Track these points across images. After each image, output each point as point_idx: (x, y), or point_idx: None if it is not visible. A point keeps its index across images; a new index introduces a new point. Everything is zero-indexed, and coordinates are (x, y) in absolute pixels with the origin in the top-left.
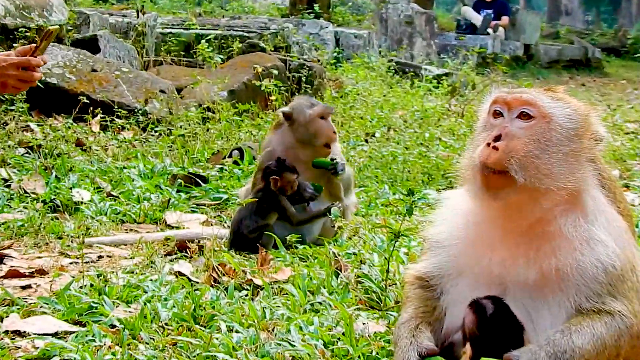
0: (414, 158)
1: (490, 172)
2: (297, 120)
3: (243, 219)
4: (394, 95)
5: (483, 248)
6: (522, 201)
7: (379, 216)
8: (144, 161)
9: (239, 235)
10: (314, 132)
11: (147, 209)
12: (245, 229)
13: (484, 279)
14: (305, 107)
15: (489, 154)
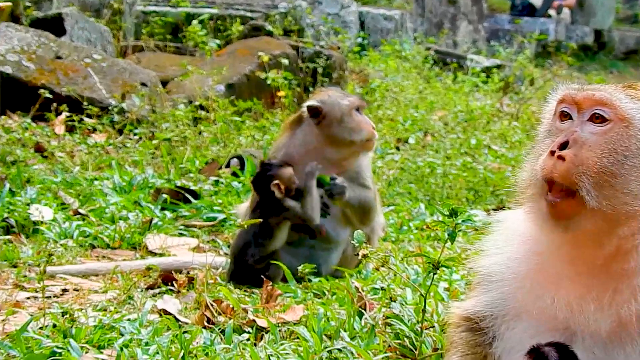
0: (457, 170)
1: (556, 195)
2: (329, 115)
3: (246, 245)
4: (432, 92)
5: (546, 285)
6: (594, 229)
7: (413, 242)
8: (120, 171)
9: (241, 265)
10: (354, 127)
11: (123, 231)
12: (251, 257)
13: (546, 322)
14: (339, 98)
15: (554, 165)
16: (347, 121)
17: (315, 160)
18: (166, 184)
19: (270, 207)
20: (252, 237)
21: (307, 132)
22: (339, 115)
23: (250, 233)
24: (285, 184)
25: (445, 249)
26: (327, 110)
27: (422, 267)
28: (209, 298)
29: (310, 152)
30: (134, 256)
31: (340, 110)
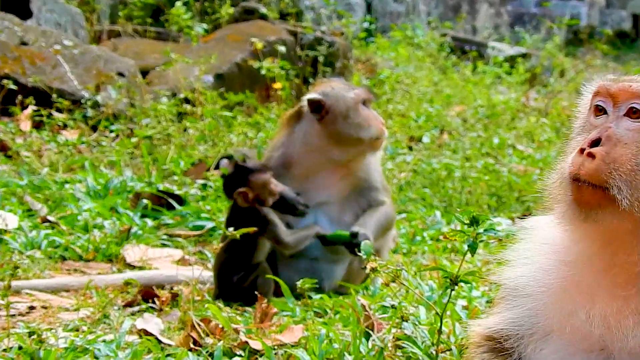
0: (477, 173)
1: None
2: (333, 110)
3: (228, 260)
4: (449, 85)
5: (579, 299)
6: (628, 232)
7: (428, 255)
8: (94, 173)
9: (225, 284)
10: (360, 122)
11: (98, 241)
12: (234, 274)
13: (579, 341)
14: (343, 91)
15: (582, 163)
16: (353, 116)
17: (318, 160)
18: (147, 187)
19: (241, 217)
20: (231, 249)
21: (307, 130)
22: (343, 109)
23: (230, 247)
24: (257, 192)
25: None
26: (330, 104)
27: (437, 283)
28: (196, 317)
29: (312, 153)
30: (110, 269)
31: (345, 104)
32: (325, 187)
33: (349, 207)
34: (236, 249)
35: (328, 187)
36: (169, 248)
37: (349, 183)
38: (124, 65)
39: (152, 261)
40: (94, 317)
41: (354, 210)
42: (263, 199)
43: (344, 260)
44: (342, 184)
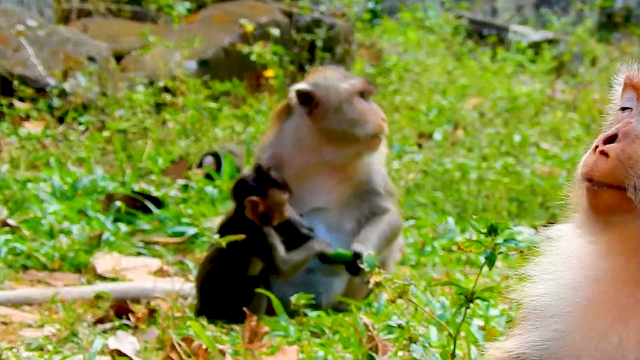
0: (496, 175)
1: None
2: (323, 102)
3: (212, 272)
4: (465, 74)
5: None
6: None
7: (439, 267)
8: (60, 171)
9: (209, 298)
10: (355, 117)
11: (65, 249)
12: (220, 287)
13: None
14: (337, 81)
15: (595, 162)
16: (346, 110)
17: (312, 161)
18: (120, 188)
19: (239, 229)
20: (219, 260)
21: (298, 126)
22: (335, 102)
23: (218, 257)
24: (269, 208)
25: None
26: (320, 96)
27: (450, 300)
28: (176, 336)
29: (304, 152)
30: (78, 281)
31: (338, 96)
32: (322, 192)
33: (349, 214)
34: (225, 260)
35: (324, 192)
36: (145, 257)
37: (347, 187)
38: (95, 49)
39: (126, 272)
40: (60, 335)
41: (355, 217)
42: (271, 218)
43: (343, 273)
44: (340, 188)
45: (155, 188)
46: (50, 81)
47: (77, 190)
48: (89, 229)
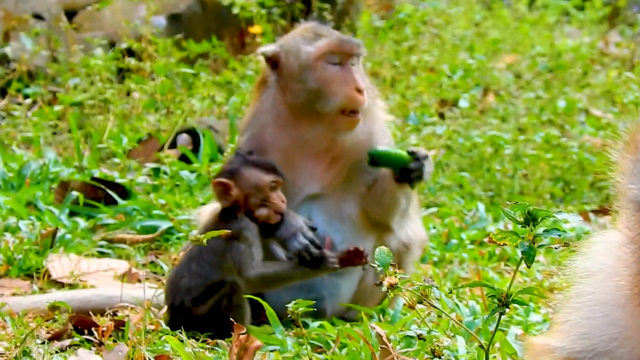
0: (536, 150)
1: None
2: (286, 68)
3: (182, 276)
4: (496, 25)
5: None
6: None
7: (468, 264)
8: (4, 155)
9: (179, 309)
10: (317, 88)
11: (12, 250)
12: (186, 294)
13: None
14: (302, 41)
15: None
16: (306, 79)
17: (296, 144)
18: (77, 174)
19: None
20: (195, 262)
21: (274, 99)
22: (295, 68)
23: (196, 257)
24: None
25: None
26: (283, 61)
27: (481, 304)
28: (149, 353)
29: (284, 130)
30: (29, 288)
31: (297, 61)
32: (313, 176)
33: (349, 199)
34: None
35: (317, 176)
36: (110, 258)
37: (342, 167)
38: (42, 4)
39: (87, 277)
40: (9, 354)
41: (356, 201)
42: (251, 208)
43: (351, 273)
44: (333, 169)
45: (119, 174)
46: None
47: (24, 179)
48: (40, 226)
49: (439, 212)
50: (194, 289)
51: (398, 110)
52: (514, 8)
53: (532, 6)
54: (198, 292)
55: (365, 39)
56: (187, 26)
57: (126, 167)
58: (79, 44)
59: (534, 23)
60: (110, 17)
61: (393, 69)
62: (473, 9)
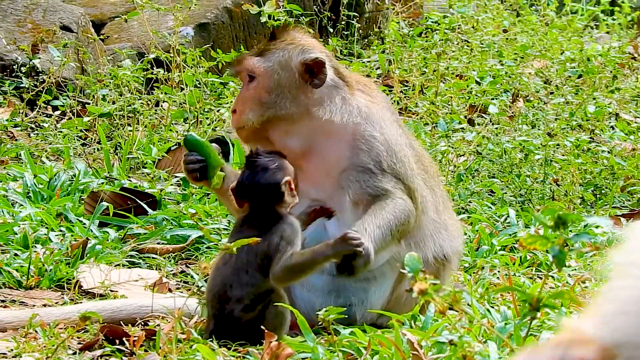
0: (566, 155)
1: None
2: None
3: (231, 286)
4: (525, 31)
5: None
6: None
7: (499, 270)
8: (33, 167)
9: (226, 318)
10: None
11: (43, 262)
12: (236, 303)
13: None
14: None
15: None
16: None
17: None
18: (107, 185)
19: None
20: (238, 270)
21: None
22: None
23: (235, 264)
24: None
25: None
26: None
27: (513, 309)
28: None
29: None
30: (60, 299)
31: None
32: (312, 181)
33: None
34: (246, 269)
35: (314, 181)
36: (140, 268)
37: (335, 170)
38: (70, 16)
39: (118, 287)
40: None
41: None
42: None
43: (383, 278)
44: (327, 173)
45: (149, 184)
46: (17, 57)
47: (54, 190)
48: (70, 237)
49: (470, 219)
50: (245, 298)
51: (427, 117)
52: (543, 14)
53: (560, 11)
54: (250, 300)
55: (393, 47)
56: (215, 36)
57: (156, 177)
58: (107, 55)
59: (563, 28)
60: (138, 28)
61: (422, 76)
62: (501, 15)
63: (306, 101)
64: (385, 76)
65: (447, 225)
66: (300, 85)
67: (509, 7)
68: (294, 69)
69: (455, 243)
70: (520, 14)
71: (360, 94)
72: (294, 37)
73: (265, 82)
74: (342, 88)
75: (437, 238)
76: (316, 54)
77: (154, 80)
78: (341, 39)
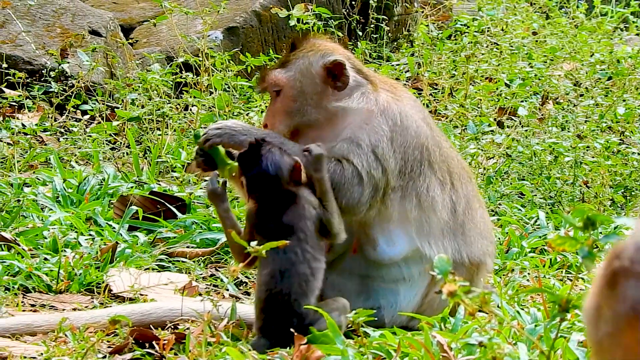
0: (596, 157)
1: None
2: None
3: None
4: (554, 33)
5: None
6: None
7: (529, 272)
8: (62, 172)
9: (274, 312)
10: None
11: (72, 266)
12: (309, 292)
13: None
14: None
15: None
16: None
17: None
18: (136, 189)
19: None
20: (303, 249)
21: None
22: None
23: (299, 245)
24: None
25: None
26: None
27: (543, 311)
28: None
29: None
30: (90, 303)
31: None
32: None
33: None
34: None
35: None
36: (170, 272)
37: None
38: (99, 20)
39: (147, 291)
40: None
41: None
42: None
43: (412, 281)
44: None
45: (178, 188)
46: (46, 61)
47: (83, 194)
48: (100, 241)
49: (500, 221)
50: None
51: (457, 120)
52: (572, 16)
53: (590, 13)
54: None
55: (422, 49)
56: (244, 39)
57: (185, 181)
58: (136, 59)
59: (593, 30)
60: (167, 32)
61: (451, 79)
62: (531, 17)
63: (329, 105)
64: (415, 79)
65: (465, 229)
66: (323, 89)
67: (538, 10)
68: (315, 75)
69: (474, 249)
70: (550, 16)
71: (385, 92)
72: (313, 44)
73: (290, 91)
74: (365, 86)
75: (451, 240)
76: (335, 57)
77: (183, 84)
78: (370, 42)
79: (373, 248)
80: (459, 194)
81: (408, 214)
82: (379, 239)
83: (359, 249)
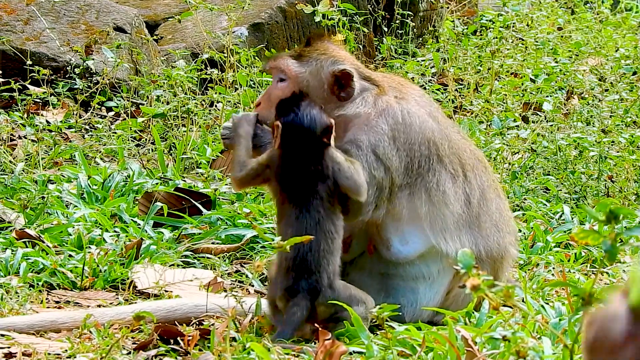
0: (621, 151)
1: None
2: None
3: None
4: (579, 28)
5: None
6: None
7: (554, 266)
8: (87, 169)
9: (317, 269)
10: None
11: (97, 262)
12: (335, 250)
13: None
14: None
15: None
16: None
17: None
18: (161, 185)
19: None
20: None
21: None
22: None
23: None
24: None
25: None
26: None
27: (567, 305)
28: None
29: None
30: (114, 300)
31: None
32: None
33: None
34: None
35: None
36: (195, 268)
37: None
38: (123, 17)
39: (172, 287)
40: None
41: None
42: None
43: (433, 279)
44: None
45: (203, 184)
46: (71, 58)
47: (108, 191)
48: (125, 237)
49: (525, 216)
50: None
51: (482, 115)
52: (597, 11)
53: (615, 9)
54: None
55: (448, 45)
56: (269, 35)
57: (210, 177)
58: (161, 55)
59: (618, 25)
60: (192, 29)
61: (476, 74)
62: (556, 12)
63: (331, 113)
64: (440, 75)
65: (480, 220)
66: (327, 96)
67: (563, 5)
68: (324, 79)
69: (490, 242)
70: (575, 11)
71: (390, 93)
72: (327, 48)
73: (295, 86)
74: (369, 91)
75: (467, 233)
76: (345, 66)
77: (208, 80)
78: (396, 37)
79: (387, 248)
80: (473, 185)
81: (418, 211)
82: (392, 238)
83: (374, 250)
